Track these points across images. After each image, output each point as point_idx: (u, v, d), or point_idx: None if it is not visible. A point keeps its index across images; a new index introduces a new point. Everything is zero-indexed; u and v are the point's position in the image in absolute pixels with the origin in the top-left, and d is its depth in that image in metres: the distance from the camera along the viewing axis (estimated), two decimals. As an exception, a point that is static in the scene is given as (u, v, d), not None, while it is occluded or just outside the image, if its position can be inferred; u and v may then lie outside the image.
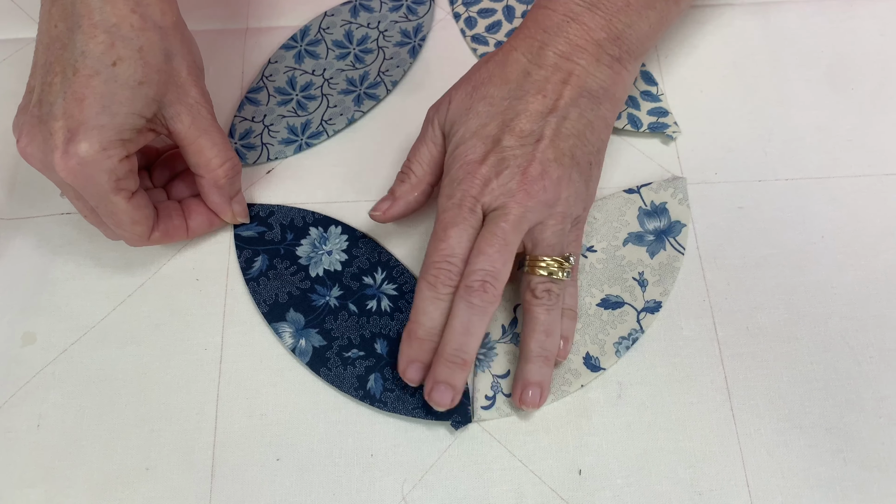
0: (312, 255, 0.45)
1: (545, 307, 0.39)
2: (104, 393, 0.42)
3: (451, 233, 0.39)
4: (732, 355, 0.42)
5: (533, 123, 0.40)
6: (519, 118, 0.40)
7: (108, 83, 0.37)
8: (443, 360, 0.39)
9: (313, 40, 0.51)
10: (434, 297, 0.39)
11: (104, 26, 0.37)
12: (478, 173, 0.39)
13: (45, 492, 0.39)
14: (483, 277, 0.38)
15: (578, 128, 0.40)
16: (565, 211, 0.40)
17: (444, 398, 0.39)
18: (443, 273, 0.38)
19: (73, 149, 0.37)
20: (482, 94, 0.41)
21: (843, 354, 0.42)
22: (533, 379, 0.40)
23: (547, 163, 0.39)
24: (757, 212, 0.46)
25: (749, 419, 0.40)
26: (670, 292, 0.43)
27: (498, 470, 0.40)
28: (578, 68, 0.41)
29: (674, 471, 0.39)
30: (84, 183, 0.38)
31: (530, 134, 0.40)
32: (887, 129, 0.48)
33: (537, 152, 0.39)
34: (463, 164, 0.40)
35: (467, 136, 0.41)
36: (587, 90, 0.41)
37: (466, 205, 0.39)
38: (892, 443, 0.40)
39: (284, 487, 0.39)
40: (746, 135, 0.48)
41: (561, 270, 0.39)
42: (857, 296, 0.43)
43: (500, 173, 0.39)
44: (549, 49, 0.41)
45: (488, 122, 0.40)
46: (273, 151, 0.48)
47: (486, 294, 0.38)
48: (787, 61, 0.50)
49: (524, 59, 0.41)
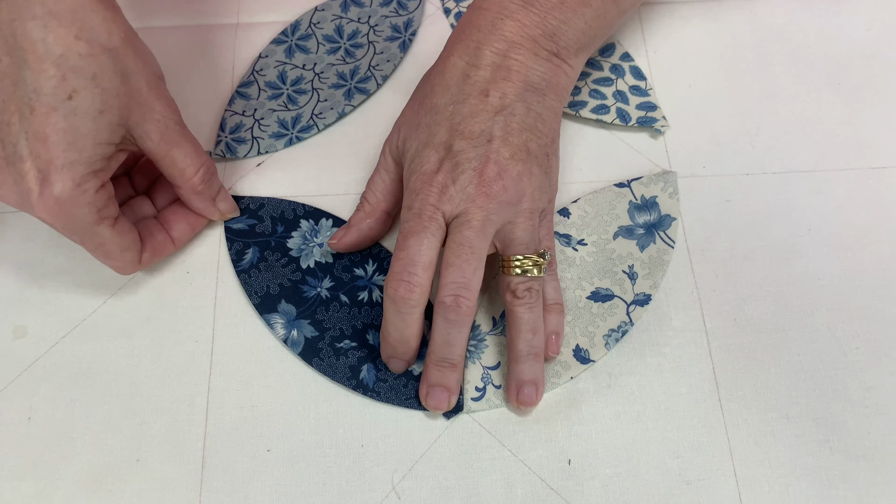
0: (303, 247, 0.45)
1: (527, 306, 0.39)
2: (95, 386, 0.42)
3: (409, 242, 0.38)
4: (720, 347, 0.42)
5: (481, 124, 0.39)
6: (466, 121, 0.39)
7: (69, 117, 0.36)
8: (432, 365, 0.40)
9: (304, 35, 0.51)
10: (396, 311, 0.38)
11: (51, 59, 0.35)
12: (434, 181, 0.39)
13: (35, 484, 0.39)
14: (455, 291, 0.38)
15: (528, 121, 0.40)
16: (531, 206, 0.40)
17: (440, 402, 0.40)
18: (402, 286, 0.38)
19: (47, 190, 0.36)
20: (427, 106, 0.41)
21: (830, 345, 0.42)
22: (527, 377, 0.40)
23: (503, 161, 0.39)
24: (745, 205, 0.46)
25: (737, 409, 0.41)
26: (660, 285, 0.44)
27: (488, 460, 0.40)
28: (517, 64, 0.40)
29: (662, 460, 0.40)
30: (66, 220, 0.37)
31: (480, 134, 0.39)
32: (874, 123, 0.48)
33: (490, 152, 0.39)
34: (419, 174, 0.40)
35: (420, 148, 0.40)
36: (530, 84, 0.41)
37: (426, 213, 0.38)
38: (877, 432, 0.40)
39: (275, 478, 0.39)
40: (734, 129, 0.48)
41: (536, 267, 0.39)
42: (843, 288, 0.44)
43: (457, 179, 0.39)
44: (485, 48, 0.41)
45: (437, 130, 0.40)
46: (263, 145, 0.48)
47: (459, 309, 0.38)
48: (774, 56, 0.51)
49: (462, 62, 0.41)
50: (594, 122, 0.49)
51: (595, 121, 0.49)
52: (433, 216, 0.38)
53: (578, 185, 0.47)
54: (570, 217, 0.46)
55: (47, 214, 0.37)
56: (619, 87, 0.50)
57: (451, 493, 0.39)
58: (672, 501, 0.39)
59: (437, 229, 0.39)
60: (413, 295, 0.38)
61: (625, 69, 0.50)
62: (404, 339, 0.40)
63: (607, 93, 0.49)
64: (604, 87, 0.49)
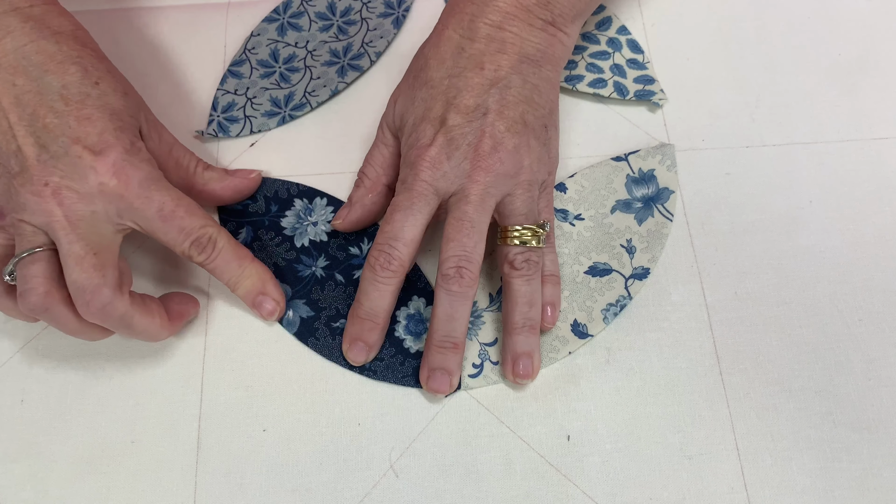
0: (297, 227, 0.44)
1: (525, 277, 0.39)
2: (88, 367, 0.41)
3: (396, 216, 0.38)
4: (721, 320, 0.42)
5: (476, 98, 0.39)
6: (461, 94, 0.39)
7: (102, 98, 0.38)
8: (433, 346, 0.39)
9: (296, 13, 0.51)
10: (373, 280, 0.39)
11: (70, 60, 0.38)
12: (428, 155, 0.39)
13: (29, 466, 0.39)
14: (457, 263, 0.38)
15: (524, 93, 0.40)
16: (530, 178, 0.39)
17: (441, 384, 0.39)
18: (382, 256, 0.38)
19: (108, 158, 0.37)
20: (423, 80, 0.41)
21: (832, 318, 0.42)
22: (522, 350, 0.40)
23: (499, 135, 0.39)
24: (744, 178, 0.45)
25: (738, 383, 0.40)
26: (658, 259, 0.43)
27: (486, 437, 0.39)
28: (511, 35, 0.40)
29: (663, 435, 0.39)
30: (127, 181, 0.37)
31: (476, 109, 0.39)
32: (874, 95, 0.48)
33: (486, 126, 0.39)
34: (414, 148, 0.39)
35: (417, 122, 0.40)
36: (525, 55, 0.40)
37: (416, 189, 0.38)
38: (880, 404, 0.40)
39: (271, 458, 0.39)
40: (733, 101, 0.48)
41: (535, 238, 0.39)
42: (845, 259, 0.43)
43: (452, 155, 0.38)
44: (479, 21, 0.40)
45: (433, 104, 0.40)
46: (256, 124, 0.47)
47: (462, 280, 0.38)
48: (772, 27, 0.50)
49: (456, 35, 0.41)
50: (591, 96, 0.48)
51: (592, 95, 0.48)
52: (424, 192, 0.38)
53: (576, 160, 0.46)
54: (567, 192, 0.45)
55: (112, 174, 0.37)
56: (616, 61, 0.49)
57: (450, 470, 0.39)
58: (673, 476, 0.38)
59: (426, 206, 0.38)
60: (391, 265, 0.38)
61: (622, 42, 0.50)
62: (375, 311, 0.39)
63: (604, 66, 0.49)
64: (601, 61, 0.49)
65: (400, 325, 0.42)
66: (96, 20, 0.50)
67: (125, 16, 0.51)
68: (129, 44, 0.50)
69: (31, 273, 0.37)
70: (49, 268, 0.37)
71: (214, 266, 0.40)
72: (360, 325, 0.40)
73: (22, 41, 0.38)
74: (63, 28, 0.40)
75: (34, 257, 0.37)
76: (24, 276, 0.37)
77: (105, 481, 0.39)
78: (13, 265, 0.37)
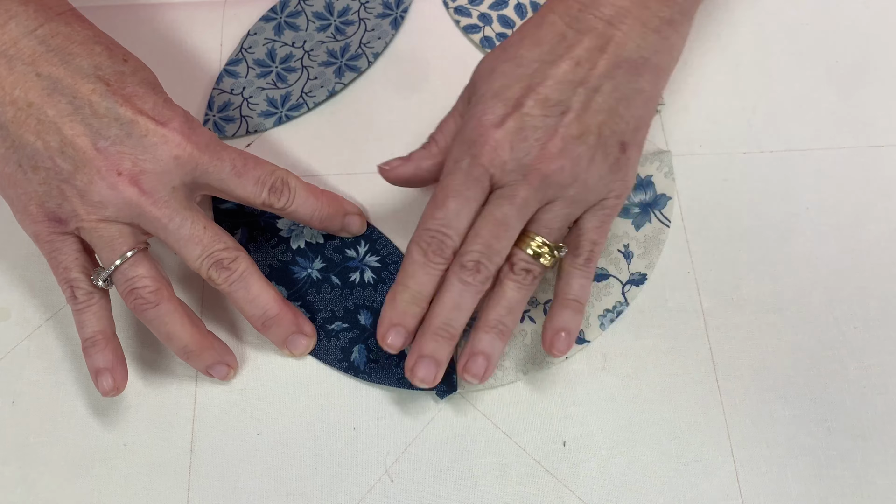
0: (294, 228, 0.44)
1: (517, 284, 0.38)
2: (80, 369, 0.41)
3: (450, 203, 0.36)
4: (717, 326, 0.42)
5: (561, 93, 0.37)
6: (546, 83, 0.37)
7: (136, 74, 0.38)
8: (429, 332, 0.37)
9: (293, 12, 0.50)
10: (425, 264, 0.37)
11: (90, 39, 0.37)
12: (491, 138, 0.36)
13: (20, 469, 0.39)
14: (478, 259, 0.36)
15: (611, 103, 0.37)
16: (577, 196, 0.37)
17: (428, 373, 0.37)
18: (436, 242, 0.36)
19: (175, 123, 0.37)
20: (510, 54, 0.38)
21: (828, 325, 0.42)
22: (482, 348, 0.37)
23: (569, 139, 0.36)
24: (741, 184, 0.45)
25: (734, 389, 0.40)
26: (655, 265, 0.43)
27: (482, 442, 0.39)
28: (619, 34, 0.37)
29: (659, 441, 0.39)
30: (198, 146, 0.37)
31: (557, 104, 0.37)
32: (871, 102, 0.48)
33: (560, 126, 0.36)
34: (477, 124, 0.37)
35: (488, 96, 0.38)
36: (626, 60, 0.37)
37: (474, 174, 0.36)
38: (875, 412, 0.40)
39: (265, 462, 0.39)
40: (731, 107, 0.48)
41: (546, 256, 0.37)
42: (841, 266, 0.43)
43: (516, 146, 0.36)
44: (589, 12, 0.37)
45: (513, 83, 0.37)
46: (252, 124, 0.47)
47: (478, 274, 0.36)
48: (770, 34, 0.50)
49: (561, 22, 0.38)
50: (589, 100, 0.48)
51: (590, 99, 0.48)
52: (480, 179, 0.37)
53: (573, 165, 0.46)
54: (565, 196, 0.45)
55: (186, 145, 0.36)
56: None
57: (445, 475, 0.38)
58: (669, 482, 0.38)
59: (481, 194, 0.37)
60: (444, 252, 0.37)
61: (620, 47, 0.49)
62: (420, 296, 0.37)
63: (602, 71, 0.48)
64: (599, 65, 0.49)
65: (396, 328, 0.41)
66: (90, 17, 0.49)
67: (120, 13, 0.51)
68: (123, 41, 0.49)
69: (138, 274, 0.36)
70: (154, 266, 0.37)
71: (295, 208, 0.40)
72: (405, 308, 0.37)
73: (30, 26, 0.36)
74: (63, 8, 0.38)
75: (135, 259, 0.36)
76: (132, 278, 0.36)
77: (97, 484, 0.38)
78: (109, 273, 0.36)
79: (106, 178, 0.35)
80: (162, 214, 0.36)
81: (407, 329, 0.38)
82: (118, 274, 0.36)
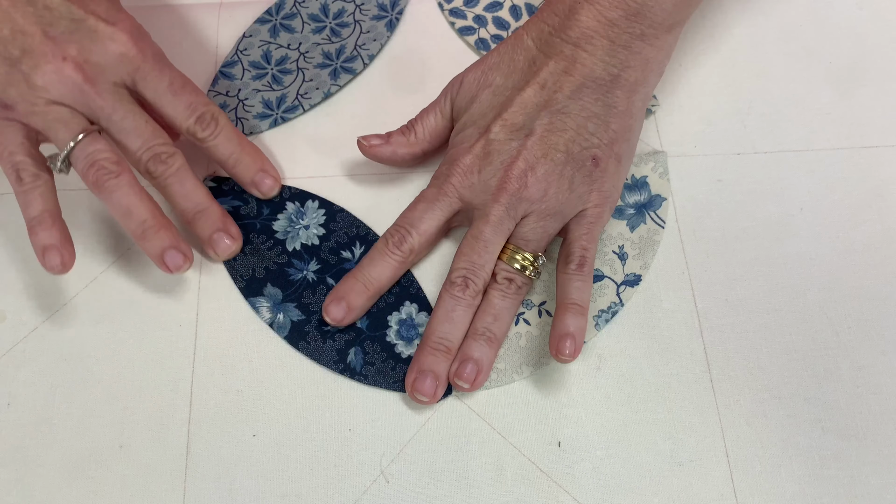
0: (289, 230, 0.44)
1: (501, 293, 0.40)
2: (76, 371, 0.41)
3: (419, 206, 0.40)
4: (712, 327, 0.42)
5: (525, 116, 0.39)
6: (511, 109, 0.40)
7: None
8: (426, 347, 0.39)
9: (288, 14, 0.50)
10: (383, 251, 0.40)
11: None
12: (462, 162, 0.40)
13: (15, 471, 0.39)
14: (464, 274, 0.39)
15: (579, 121, 0.39)
16: (550, 209, 0.39)
17: (427, 389, 0.38)
18: (398, 236, 0.40)
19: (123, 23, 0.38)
20: (488, 80, 0.41)
21: (822, 325, 0.42)
22: (471, 354, 0.39)
23: (532, 159, 0.39)
24: (736, 184, 0.46)
25: (728, 390, 0.40)
26: (650, 265, 0.43)
27: (477, 443, 0.39)
28: (584, 55, 0.39)
29: (654, 442, 0.39)
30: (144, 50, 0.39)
31: (521, 128, 0.39)
32: (865, 102, 0.48)
33: (524, 149, 0.39)
34: (457, 149, 0.41)
35: (468, 125, 0.41)
36: (593, 79, 0.39)
37: (444, 189, 0.40)
38: (869, 412, 0.40)
39: (261, 463, 0.39)
40: (725, 108, 0.48)
41: (526, 268, 0.40)
42: (835, 267, 0.43)
43: (483, 168, 0.39)
44: (557, 35, 0.40)
45: (487, 111, 0.41)
46: (248, 126, 0.47)
47: (467, 289, 0.39)
48: (765, 34, 0.50)
49: (533, 45, 0.40)
50: (584, 101, 0.48)
51: (585, 100, 0.48)
52: (449, 194, 0.40)
53: (568, 166, 0.46)
54: (560, 197, 0.45)
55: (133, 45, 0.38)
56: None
57: (441, 476, 0.39)
58: (664, 483, 0.38)
59: (448, 207, 0.40)
60: (402, 245, 0.40)
61: (615, 48, 0.49)
62: (372, 278, 0.40)
63: (597, 72, 0.48)
64: (593, 67, 0.49)
65: (392, 329, 0.41)
66: (86, 19, 0.49)
67: (116, 15, 0.51)
68: (119, 43, 0.49)
69: (98, 148, 0.37)
70: (111, 144, 0.37)
71: (216, 143, 0.41)
72: (352, 285, 0.40)
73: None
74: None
75: (93, 136, 0.37)
76: (91, 152, 0.37)
77: (93, 486, 0.38)
78: (67, 152, 0.37)
79: (52, 62, 0.36)
80: (106, 104, 0.37)
81: (350, 305, 0.40)
82: (77, 150, 0.37)
